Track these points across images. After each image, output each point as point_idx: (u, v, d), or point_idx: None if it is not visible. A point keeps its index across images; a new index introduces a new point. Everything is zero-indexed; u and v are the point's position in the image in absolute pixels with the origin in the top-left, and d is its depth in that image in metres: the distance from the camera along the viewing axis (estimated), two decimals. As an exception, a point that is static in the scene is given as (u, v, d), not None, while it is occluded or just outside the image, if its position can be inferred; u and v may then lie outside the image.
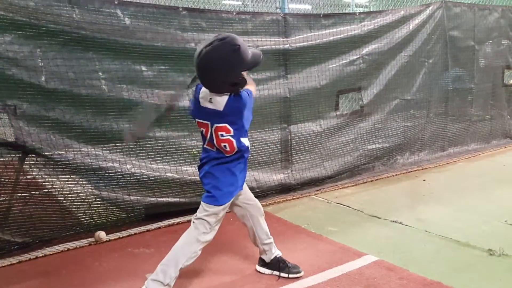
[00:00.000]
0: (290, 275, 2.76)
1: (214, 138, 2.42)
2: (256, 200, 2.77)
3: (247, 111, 2.43)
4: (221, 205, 2.48)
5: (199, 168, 2.57)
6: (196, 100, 2.45)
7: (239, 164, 2.51)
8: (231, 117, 2.39)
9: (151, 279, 2.43)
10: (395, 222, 3.69)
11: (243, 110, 2.40)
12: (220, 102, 2.36)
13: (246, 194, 2.70)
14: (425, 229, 3.51)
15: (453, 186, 4.75)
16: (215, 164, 2.47)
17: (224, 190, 2.48)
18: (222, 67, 2.26)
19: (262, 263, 2.85)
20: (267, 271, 2.83)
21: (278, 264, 2.78)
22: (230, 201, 2.54)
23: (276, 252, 2.82)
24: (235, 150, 2.44)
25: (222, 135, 2.39)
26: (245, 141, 2.48)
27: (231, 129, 2.39)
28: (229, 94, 2.36)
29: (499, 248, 3.06)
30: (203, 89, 2.41)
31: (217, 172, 2.48)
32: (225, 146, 2.42)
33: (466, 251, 3.11)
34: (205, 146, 2.51)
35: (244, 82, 2.35)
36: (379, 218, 3.81)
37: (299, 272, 2.78)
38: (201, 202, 2.52)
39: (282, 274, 2.76)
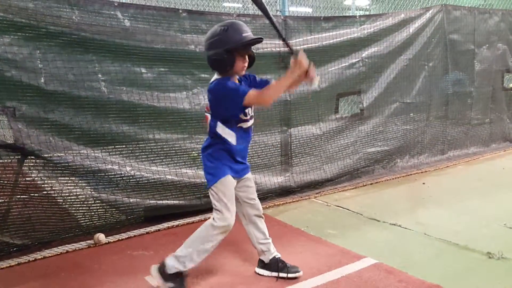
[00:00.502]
0: (290, 275, 2.75)
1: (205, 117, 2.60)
2: (257, 200, 2.78)
3: (221, 100, 2.47)
4: (214, 184, 2.54)
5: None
6: None
7: (219, 151, 2.57)
8: (209, 96, 2.53)
9: (173, 254, 2.56)
10: (395, 225, 3.68)
11: (215, 95, 2.48)
12: (212, 79, 2.54)
13: (248, 192, 2.72)
14: (424, 232, 3.50)
15: (452, 190, 4.75)
16: (203, 149, 2.64)
17: (210, 172, 2.57)
18: (209, 42, 2.44)
19: (261, 264, 2.85)
20: (266, 272, 2.82)
21: (277, 265, 2.78)
22: (228, 179, 2.56)
23: (275, 253, 2.81)
24: (212, 133, 2.55)
25: (205, 112, 2.60)
26: (222, 131, 2.53)
27: (210, 109, 2.55)
28: (221, 75, 2.50)
29: (498, 252, 3.05)
30: None
31: (203, 158, 2.63)
32: (207, 123, 2.58)
33: (465, 254, 3.11)
34: None
35: (227, 62, 2.40)
36: (379, 221, 3.80)
37: (298, 272, 2.77)
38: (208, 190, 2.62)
39: (281, 274, 2.75)
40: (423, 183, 4.99)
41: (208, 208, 3.87)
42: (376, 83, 5.12)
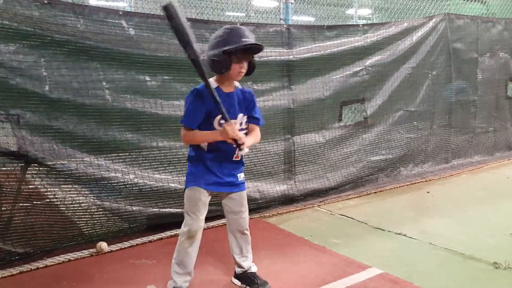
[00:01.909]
0: None
1: None
2: (243, 215, 2.70)
3: (187, 103, 2.50)
4: (190, 186, 2.57)
5: None
6: None
7: (193, 162, 2.59)
8: None
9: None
10: (399, 234, 3.65)
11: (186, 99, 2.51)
12: None
13: (231, 205, 2.67)
14: (429, 241, 3.47)
15: (457, 199, 4.71)
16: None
17: (192, 175, 2.60)
18: (211, 43, 2.45)
19: (235, 274, 2.84)
20: (237, 282, 2.81)
21: (246, 279, 2.77)
22: (196, 189, 2.55)
23: (248, 269, 2.78)
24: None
25: None
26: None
27: None
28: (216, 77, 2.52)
29: (504, 261, 3.02)
30: None
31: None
32: None
33: (471, 264, 3.07)
34: None
35: (223, 64, 2.38)
36: (383, 230, 3.78)
37: None
38: None
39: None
40: (428, 192, 4.96)
41: (211, 217, 3.87)
42: (380, 92, 5.11)
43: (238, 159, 2.59)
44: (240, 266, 2.78)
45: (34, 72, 3.09)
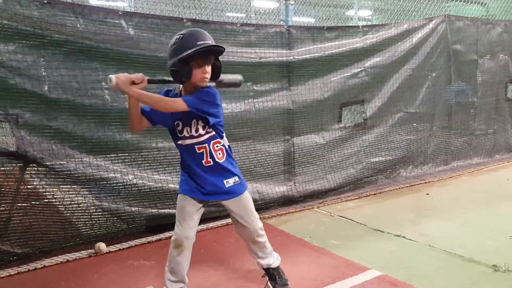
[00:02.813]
0: None
1: None
2: (250, 223, 2.59)
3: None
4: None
5: None
6: None
7: (181, 170, 2.55)
8: None
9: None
10: (399, 236, 3.65)
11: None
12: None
13: (232, 214, 2.59)
14: (429, 244, 3.46)
15: (457, 201, 4.71)
16: None
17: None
18: (168, 53, 2.33)
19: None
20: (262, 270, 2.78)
21: (269, 274, 2.73)
22: (181, 196, 2.51)
23: (265, 263, 2.72)
24: None
25: None
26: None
27: None
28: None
29: (504, 264, 3.01)
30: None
31: None
32: None
33: (470, 267, 3.07)
34: None
35: (182, 73, 2.28)
36: (383, 232, 3.77)
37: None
38: None
39: (269, 283, 2.72)
40: (427, 194, 4.95)
41: (210, 218, 3.87)
42: (380, 93, 5.11)
43: (210, 164, 2.43)
44: (259, 262, 2.73)
45: (33, 72, 3.08)
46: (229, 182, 2.50)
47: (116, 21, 3.40)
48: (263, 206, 4.24)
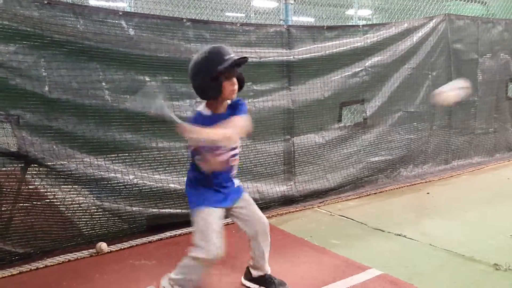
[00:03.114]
0: None
1: None
2: (259, 216, 2.64)
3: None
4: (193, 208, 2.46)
5: None
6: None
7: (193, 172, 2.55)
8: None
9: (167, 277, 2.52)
10: (399, 235, 3.65)
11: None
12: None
13: (248, 208, 2.61)
14: (429, 243, 3.47)
15: (457, 200, 4.71)
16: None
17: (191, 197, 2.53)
18: (193, 73, 2.32)
19: (249, 277, 2.79)
20: (252, 285, 2.77)
21: (264, 282, 2.73)
22: (209, 211, 2.42)
23: (265, 270, 2.73)
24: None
25: None
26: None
27: None
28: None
29: (505, 263, 3.01)
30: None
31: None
32: None
33: (471, 266, 3.07)
34: None
35: (215, 90, 2.27)
36: (383, 231, 3.77)
37: None
38: None
39: None
40: (428, 193, 4.95)
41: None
42: (380, 92, 5.11)
43: (233, 172, 2.52)
44: (259, 269, 2.72)
45: (34, 72, 3.09)
46: (237, 182, 2.61)
47: (116, 22, 3.40)
48: (263, 205, 4.23)
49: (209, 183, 2.45)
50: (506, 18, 6.79)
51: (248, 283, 2.80)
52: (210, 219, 2.40)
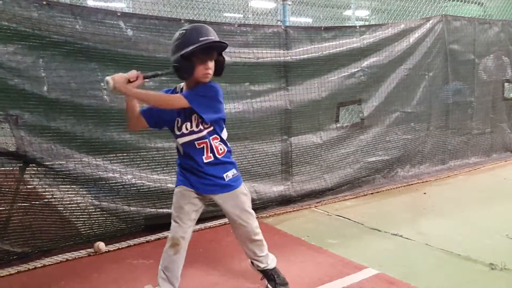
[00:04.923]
0: None
1: None
2: (241, 222, 2.57)
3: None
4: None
5: None
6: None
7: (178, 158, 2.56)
8: None
9: None
10: (396, 235, 3.67)
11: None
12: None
13: (227, 211, 2.56)
14: (426, 242, 3.49)
15: (454, 200, 4.74)
16: None
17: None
18: (171, 48, 2.34)
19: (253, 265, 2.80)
20: (256, 271, 2.76)
21: (267, 275, 2.73)
22: (181, 192, 2.48)
23: (264, 265, 2.72)
24: None
25: None
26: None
27: None
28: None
29: (500, 262, 3.03)
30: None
31: None
32: None
33: (467, 265, 3.09)
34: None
35: (184, 69, 2.27)
36: (380, 231, 3.79)
37: None
38: None
39: (268, 286, 2.72)
40: (424, 193, 4.98)
41: (208, 217, 3.89)
42: (377, 93, 5.13)
43: (211, 159, 2.43)
44: (257, 265, 2.72)
45: (32, 72, 3.10)
46: (228, 175, 2.49)
47: (115, 22, 3.41)
48: (260, 205, 4.26)
49: (182, 165, 2.50)
50: (502, 19, 6.82)
51: (252, 267, 2.79)
52: (180, 198, 2.48)
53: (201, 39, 2.23)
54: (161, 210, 3.74)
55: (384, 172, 5.34)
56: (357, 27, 5.00)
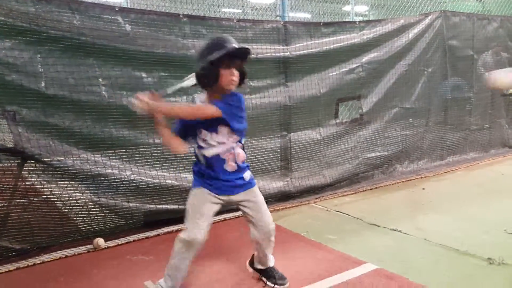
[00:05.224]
0: (276, 286, 2.72)
1: None
2: (266, 222, 2.61)
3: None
4: (193, 188, 2.51)
5: None
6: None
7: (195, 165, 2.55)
8: None
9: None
10: (395, 230, 3.68)
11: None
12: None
13: (255, 210, 2.58)
14: (424, 237, 3.50)
15: (452, 195, 4.75)
16: None
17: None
18: (197, 58, 2.34)
19: (252, 265, 2.84)
20: (255, 272, 2.83)
21: (266, 273, 2.78)
22: (201, 194, 2.48)
23: (268, 264, 2.77)
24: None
25: None
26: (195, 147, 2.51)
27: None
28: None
29: (498, 257, 3.04)
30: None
31: None
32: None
33: (465, 260, 3.10)
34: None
35: (211, 76, 2.27)
36: (379, 226, 3.80)
37: (283, 284, 2.73)
38: None
39: (268, 283, 2.74)
40: (423, 189, 4.99)
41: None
42: (376, 89, 5.12)
43: (233, 167, 2.46)
44: (262, 264, 2.77)
45: (30, 68, 3.09)
46: (247, 176, 2.55)
47: (113, 17, 3.39)
48: (260, 201, 4.25)
49: (204, 173, 2.49)
50: (501, 14, 6.81)
51: (251, 269, 2.85)
52: (198, 199, 2.47)
53: (226, 45, 2.26)
54: (160, 206, 3.74)
55: (383, 168, 5.34)
56: (357, 23, 4.99)
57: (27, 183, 3.19)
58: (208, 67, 2.25)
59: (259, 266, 2.81)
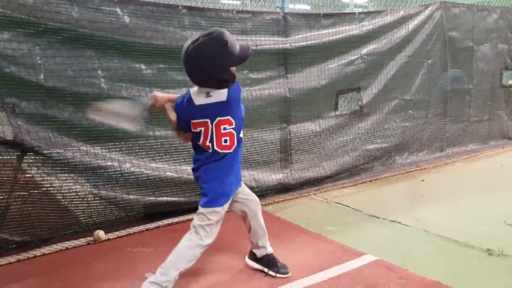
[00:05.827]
0: (278, 275, 2.75)
1: (215, 134, 2.39)
2: (253, 194, 2.75)
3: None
4: (219, 206, 2.48)
5: (194, 171, 2.57)
6: (188, 104, 2.39)
7: (237, 158, 2.52)
8: (232, 106, 2.38)
9: (150, 281, 2.40)
10: (394, 222, 3.69)
11: (240, 99, 2.44)
12: (221, 92, 2.34)
13: (244, 189, 2.68)
14: (424, 229, 3.51)
15: (451, 187, 4.76)
16: (211, 164, 2.45)
17: (221, 190, 2.47)
18: (209, 62, 2.25)
19: (253, 257, 2.85)
20: (255, 265, 2.83)
21: (268, 262, 2.79)
22: (229, 201, 2.53)
23: (268, 249, 2.80)
24: (234, 145, 2.45)
25: (224, 129, 2.39)
26: (241, 133, 2.51)
27: (233, 121, 2.41)
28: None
29: (498, 248, 3.06)
30: (195, 88, 2.41)
31: (213, 173, 2.46)
32: (225, 140, 2.40)
33: (465, 251, 3.11)
34: (200, 146, 2.45)
35: (233, 77, 2.32)
36: (378, 218, 3.81)
37: (286, 273, 2.76)
38: (199, 207, 2.50)
39: (270, 272, 2.76)
40: (422, 180, 5.00)
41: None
42: (376, 80, 5.12)
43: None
44: (262, 248, 2.78)
45: (28, 60, 3.07)
46: None
47: (111, 9, 3.37)
48: (259, 193, 4.25)
49: (233, 167, 2.52)
50: (501, 5, 6.78)
51: (251, 263, 2.86)
52: (221, 217, 2.53)
53: (240, 45, 2.31)
54: (160, 198, 3.74)
55: (382, 160, 5.34)
56: (356, 14, 4.96)
57: (26, 175, 3.19)
58: (229, 72, 2.29)
59: (260, 253, 2.79)
